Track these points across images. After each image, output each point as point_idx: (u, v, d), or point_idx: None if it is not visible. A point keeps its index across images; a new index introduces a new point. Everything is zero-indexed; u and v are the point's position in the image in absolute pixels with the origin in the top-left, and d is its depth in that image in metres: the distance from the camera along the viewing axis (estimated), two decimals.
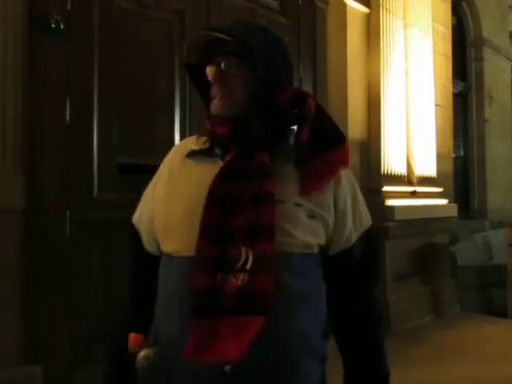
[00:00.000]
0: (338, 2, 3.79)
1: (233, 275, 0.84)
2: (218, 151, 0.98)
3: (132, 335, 1.03)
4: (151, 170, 1.12)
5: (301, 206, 0.92)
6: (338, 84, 3.79)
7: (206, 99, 1.01)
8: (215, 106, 0.97)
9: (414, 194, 4.18)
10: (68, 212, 2.22)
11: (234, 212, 0.88)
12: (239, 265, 0.85)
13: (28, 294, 2.07)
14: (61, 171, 2.21)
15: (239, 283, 0.83)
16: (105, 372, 1.13)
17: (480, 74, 6.28)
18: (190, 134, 2.64)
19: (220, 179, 0.91)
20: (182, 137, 2.65)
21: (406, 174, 4.15)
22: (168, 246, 0.98)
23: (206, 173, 0.94)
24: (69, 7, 2.26)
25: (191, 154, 1.01)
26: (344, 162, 1.00)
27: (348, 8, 3.83)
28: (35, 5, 2.15)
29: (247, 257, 0.85)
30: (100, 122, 2.36)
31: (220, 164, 0.95)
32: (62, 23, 2.21)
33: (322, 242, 0.98)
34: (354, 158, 3.88)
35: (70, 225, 2.22)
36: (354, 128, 3.87)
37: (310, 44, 3.57)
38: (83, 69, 2.31)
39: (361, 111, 3.95)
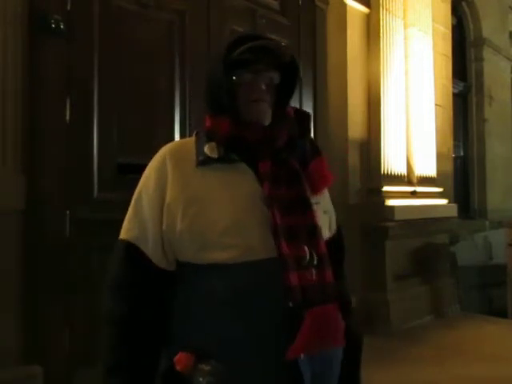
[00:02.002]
0: (338, 2, 3.79)
1: (306, 271, 0.93)
2: (235, 157, 0.97)
3: (184, 354, 0.91)
4: None
5: (319, 203, 1.05)
6: (337, 84, 3.80)
7: (226, 103, 0.99)
8: (256, 112, 0.99)
9: (414, 194, 4.18)
10: (68, 212, 2.22)
11: (289, 214, 0.95)
12: (307, 262, 0.93)
13: (28, 294, 2.07)
14: (61, 171, 2.21)
15: (314, 277, 0.93)
16: None
17: (480, 74, 6.28)
18: (191, 134, 2.64)
19: (271, 184, 0.95)
20: (182, 137, 2.65)
21: (405, 174, 4.15)
22: (218, 255, 0.92)
23: (239, 179, 0.97)
24: (69, 7, 2.26)
25: (207, 162, 0.97)
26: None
27: (348, 8, 3.84)
28: (35, 5, 2.15)
29: (311, 254, 0.94)
30: (100, 122, 2.36)
31: (247, 169, 0.97)
32: (62, 23, 2.21)
33: (328, 233, 1.10)
34: (354, 157, 3.88)
35: (69, 225, 2.22)
36: (354, 128, 3.88)
37: (309, 44, 3.57)
38: (83, 69, 2.31)
39: (361, 111, 3.95)
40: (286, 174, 0.98)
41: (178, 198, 0.95)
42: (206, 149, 0.97)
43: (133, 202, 1.02)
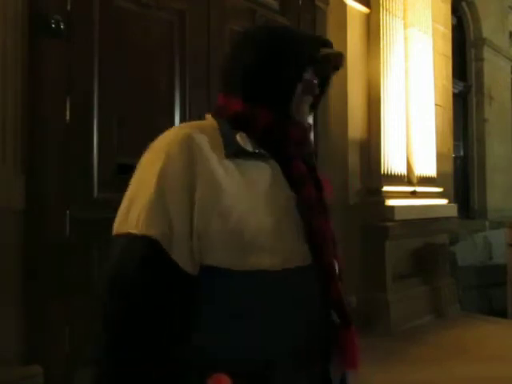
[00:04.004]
0: (337, 1, 3.79)
1: (338, 283, 0.88)
2: (263, 152, 0.87)
3: (219, 376, 0.78)
4: None
5: None
6: (337, 84, 3.79)
7: (282, 96, 0.90)
8: (303, 112, 0.95)
9: (414, 194, 4.18)
10: (68, 212, 2.22)
11: (322, 222, 0.88)
12: (337, 274, 0.88)
13: (28, 294, 2.07)
14: (61, 171, 2.21)
15: (341, 291, 0.88)
16: None
17: (480, 74, 6.29)
18: None
19: (309, 188, 0.89)
20: None
21: (405, 174, 4.15)
22: (258, 260, 0.81)
23: (270, 177, 0.86)
24: (69, 7, 2.26)
25: (239, 154, 0.84)
26: None
27: (348, 8, 3.84)
28: (35, 5, 2.15)
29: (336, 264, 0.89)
30: (100, 122, 2.36)
31: (277, 168, 0.88)
32: (62, 23, 2.20)
33: None
34: (353, 157, 3.88)
35: (69, 225, 2.22)
36: (354, 128, 3.88)
37: None
38: (83, 69, 2.31)
39: (361, 111, 3.95)
40: (314, 180, 0.92)
41: (209, 193, 0.80)
42: (239, 138, 0.85)
43: (151, 191, 0.82)
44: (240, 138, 0.85)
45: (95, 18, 2.36)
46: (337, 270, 0.88)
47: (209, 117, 0.92)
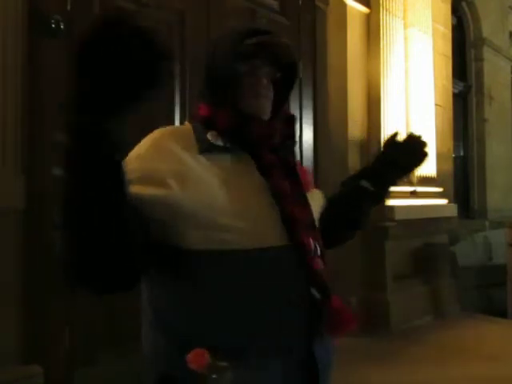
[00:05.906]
0: (338, 2, 3.79)
1: (318, 259, 0.96)
2: (237, 147, 0.95)
3: (199, 351, 0.82)
4: None
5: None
6: (337, 84, 3.80)
7: (231, 94, 0.98)
8: (257, 107, 0.98)
9: (414, 194, 4.18)
10: None
11: (294, 207, 0.95)
12: (314, 252, 0.95)
13: (28, 294, 2.07)
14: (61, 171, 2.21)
15: (321, 267, 0.96)
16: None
17: (480, 74, 6.28)
18: None
19: (277, 176, 0.96)
20: None
21: None
22: (233, 239, 0.86)
23: (242, 169, 0.94)
24: (69, 7, 2.26)
25: (211, 150, 0.93)
26: None
27: (348, 8, 3.84)
28: (35, 5, 2.15)
29: (315, 245, 0.96)
30: None
31: (250, 160, 0.95)
32: (62, 23, 2.21)
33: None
34: (353, 157, 3.88)
35: None
36: (354, 128, 3.88)
37: (309, 44, 3.57)
38: None
39: (361, 111, 3.95)
40: (286, 170, 0.99)
41: (177, 169, 0.89)
42: (210, 136, 0.95)
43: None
44: (211, 136, 0.95)
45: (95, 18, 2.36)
46: (314, 247, 0.94)
47: (186, 123, 1.08)
